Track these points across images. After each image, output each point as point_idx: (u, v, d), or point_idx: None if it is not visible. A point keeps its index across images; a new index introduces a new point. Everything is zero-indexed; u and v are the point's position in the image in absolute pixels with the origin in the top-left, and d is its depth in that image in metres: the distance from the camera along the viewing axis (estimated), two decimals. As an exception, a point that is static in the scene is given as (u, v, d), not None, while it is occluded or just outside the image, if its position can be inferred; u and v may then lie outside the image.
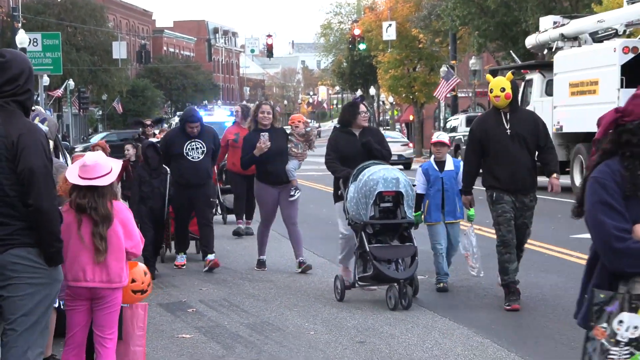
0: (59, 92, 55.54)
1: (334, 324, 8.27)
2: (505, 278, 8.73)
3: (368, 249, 8.77)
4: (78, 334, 5.45)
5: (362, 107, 9.80)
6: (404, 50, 54.27)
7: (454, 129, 33.65)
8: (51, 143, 6.12)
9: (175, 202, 11.19)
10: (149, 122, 17.13)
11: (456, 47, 44.06)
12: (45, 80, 44.59)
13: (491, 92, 8.91)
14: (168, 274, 11.18)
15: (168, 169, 11.03)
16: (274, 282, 10.46)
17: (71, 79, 57.61)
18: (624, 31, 21.83)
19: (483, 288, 9.88)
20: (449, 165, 9.85)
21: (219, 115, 29.56)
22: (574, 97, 22.04)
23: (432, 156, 10.07)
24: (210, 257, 11.26)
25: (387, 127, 68.33)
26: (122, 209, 5.45)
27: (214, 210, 12.89)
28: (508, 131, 8.85)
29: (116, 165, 5.45)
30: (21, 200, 4.70)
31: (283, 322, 8.40)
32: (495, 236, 9.01)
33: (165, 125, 18.07)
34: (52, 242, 4.77)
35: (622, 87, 20.12)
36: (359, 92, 65.90)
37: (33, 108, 7.85)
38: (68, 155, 11.84)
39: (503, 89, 8.85)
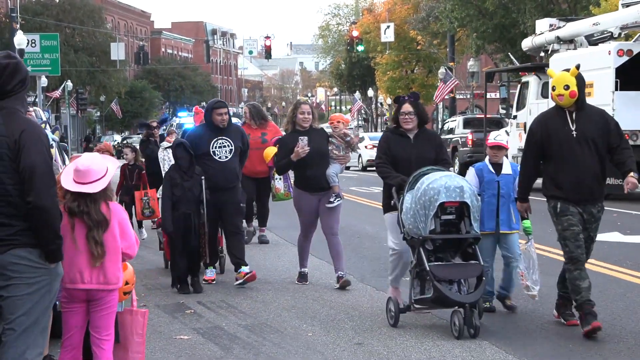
0: (57, 93, 55.53)
1: (332, 325, 8.27)
2: (578, 298, 7.75)
3: (428, 268, 7.72)
4: (75, 335, 5.44)
5: (406, 107, 8.51)
6: (402, 52, 54.36)
7: (451, 131, 33.70)
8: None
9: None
10: (155, 124, 16.76)
11: (454, 48, 44.09)
12: (44, 81, 44.58)
13: (553, 90, 7.94)
14: (165, 275, 11.16)
15: (200, 169, 9.98)
16: (272, 284, 10.46)
17: (69, 80, 57.63)
18: (619, 34, 21.96)
19: (481, 290, 9.87)
20: (507, 168, 8.78)
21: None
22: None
23: (487, 157, 8.91)
24: (245, 269, 10.16)
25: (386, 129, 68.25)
26: (118, 210, 5.44)
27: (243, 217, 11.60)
28: (574, 133, 7.84)
29: (112, 165, 5.40)
30: (22, 199, 4.71)
31: (281, 323, 8.40)
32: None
33: (175, 124, 17.82)
34: (52, 239, 4.79)
35: (616, 89, 20.28)
36: (357, 94, 65.88)
37: (33, 109, 7.89)
38: (66, 156, 11.86)
39: (567, 87, 7.91)
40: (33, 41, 39.22)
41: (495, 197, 8.59)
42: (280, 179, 12.28)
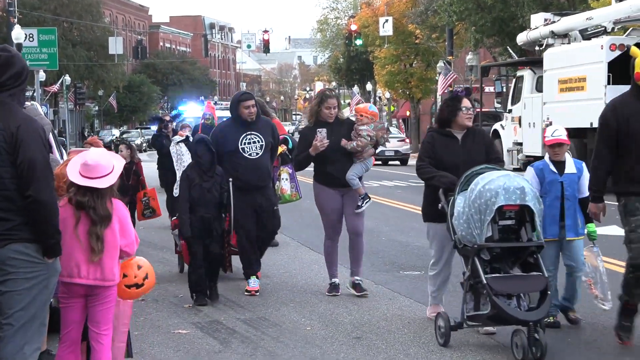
0: (55, 88, 55.49)
1: (331, 319, 8.26)
2: (627, 299, 7.10)
3: (485, 281, 6.82)
4: (73, 330, 5.43)
5: (466, 102, 7.70)
6: (400, 46, 54.29)
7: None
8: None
9: (236, 210, 9.30)
10: (168, 118, 16.41)
11: (453, 42, 44.03)
12: (42, 75, 44.52)
13: (635, 69, 6.85)
14: (164, 269, 11.15)
15: (221, 169, 9.17)
16: (270, 278, 10.45)
17: (67, 75, 57.57)
18: (612, 28, 22.15)
19: (479, 283, 9.86)
20: (570, 167, 7.75)
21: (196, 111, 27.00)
22: (563, 94, 22.46)
23: (547, 155, 7.88)
24: (255, 284, 9.52)
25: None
26: (119, 207, 5.42)
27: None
28: None
29: (118, 163, 5.38)
30: (20, 193, 4.69)
31: (279, 317, 8.39)
32: None
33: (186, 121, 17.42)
34: (51, 233, 4.78)
35: (608, 83, 20.38)
36: (355, 88, 65.83)
37: (30, 103, 7.86)
38: (64, 151, 11.82)
39: None
40: (31, 35, 39.14)
41: (559, 199, 7.60)
42: (286, 179, 11.26)
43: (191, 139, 15.07)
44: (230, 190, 9.13)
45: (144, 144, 63.17)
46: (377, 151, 9.71)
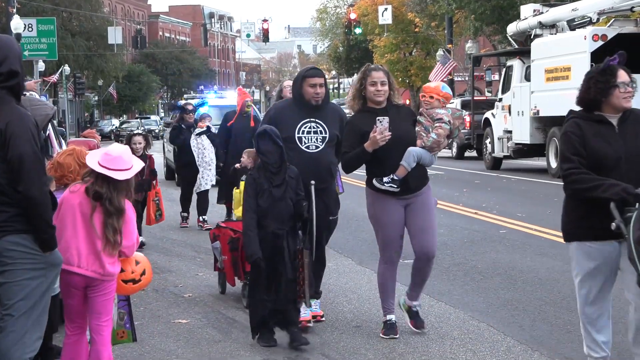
0: (54, 78, 55.36)
1: (331, 308, 8.26)
2: None
3: None
4: (77, 318, 5.44)
5: (623, 75, 5.45)
6: (400, 34, 54.21)
7: (449, 113, 34.05)
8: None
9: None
10: (191, 108, 15.01)
11: (452, 31, 44.00)
12: (41, 65, 44.45)
13: None
14: (164, 259, 11.17)
15: (296, 169, 7.07)
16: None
17: (67, 65, 57.47)
18: (597, 19, 22.73)
19: (479, 272, 9.89)
20: None
21: (232, 98, 24.35)
22: (549, 83, 23.24)
23: None
24: (315, 308, 7.65)
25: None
26: (127, 207, 5.42)
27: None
28: None
29: (137, 164, 5.37)
30: (12, 187, 4.68)
31: (279, 307, 8.39)
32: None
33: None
34: (44, 228, 4.77)
35: None
36: (355, 77, 65.75)
37: (29, 93, 7.82)
38: (63, 142, 11.79)
39: None
40: (30, 25, 39.10)
41: None
42: None
43: (213, 129, 14.22)
44: (312, 196, 7.10)
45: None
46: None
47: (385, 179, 6.94)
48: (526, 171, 25.19)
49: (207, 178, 14.01)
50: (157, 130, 63.64)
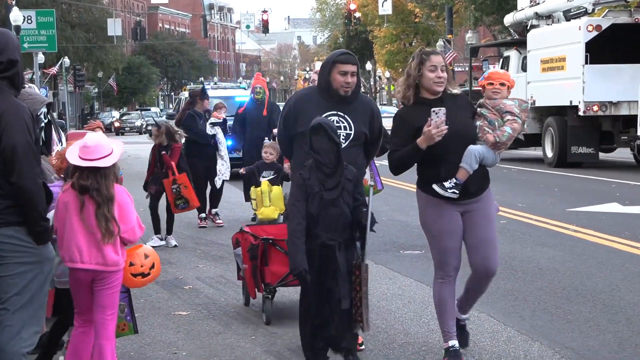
0: (54, 70, 55.37)
1: (331, 299, 8.25)
2: None
3: None
4: (85, 312, 5.43)
5: None
6: (400, 25, 54.17)
7: (448, 104, 34.37)
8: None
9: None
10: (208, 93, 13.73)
11: (452, 21, 43.96)
12: (40, 58, 44.39)
13: None
14: (164, 251, 11.16)
15: (354, 170, 6.09)
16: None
17: (66, 57, 57.44)
18: (593, 9, 23.02)
19: (479, 262, 9.87)
20: None
21: (232, 90, 23.27)
22: (545, 73, 23.52)
23: None
24: None
25: (384, 103, 68.23)
26: (120, 192, 5.39)
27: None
28: None
29: (117, 147, 5.34)
30: (5, 179, 4.66)
31: (279, 298, 8.38)
32: None
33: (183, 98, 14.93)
34: (37, 220, 4.73)
35: (586, 63, 21.32)
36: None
37: (29, 85, 7.78)
38: (62, 134, 11.78)
39: None
40: (29, 17, 39.02)
41: None
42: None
43: (229, 122, 13.34)
44: (370, 200, 6.04)
45: (144, 126, 63.21)
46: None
47: (447, 184, 5.99)
48: (523, 161, 25.21)
49: (222, 171, 13.15)
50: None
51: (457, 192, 5.99)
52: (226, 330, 7.32)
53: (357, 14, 55.36)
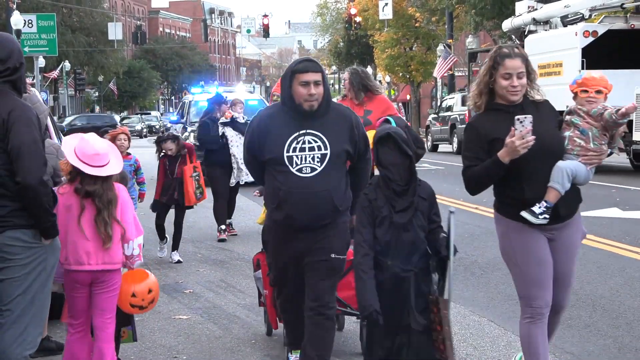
0: (54, 74, 55.43)
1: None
2: None
3: None
4: (82, 317, 5.44)
5: None
6: (400, 30, 54.13)
7: (449, 108, 34.33)
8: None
9: (275, 260, 5.79)
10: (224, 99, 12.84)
11: (452, 25, 43.97)
12: (41, 61, 44.47)
13: None
14: (164, 255, 11.15)
15: (430, 187, 5.34)
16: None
17: (67, 61, 57.50)
18: (590, 15, 23.19)
19: (480, 267, 9.89)
20: None
21: (240, 93, 22.48)
22: (542, 78, 23.70)
23: None
24: None
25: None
26: (120, 190, 5.43)
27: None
28: None
29: (113, 150, 5.42)
30: (13, 179, 4.68)
31: (280, 302, 8.40)
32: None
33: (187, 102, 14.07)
34: (44, 217, 4.75)
35: (583, 68, 21.36)
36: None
37: (29, 90, 7.80)
38: (62, 137, 11.75)
39: None
40: (30, 21, 39.07)
41: None
42: None
43: (241, 119, 12.49)
44: (450, 224, 5.13)
45: (144, 130, 63.22)
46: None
47: (536, 209, 5.09)
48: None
49: (235, 173, 12.40)
50: (157, 127, 63.64)
51: (548, 217, 5.10)
52: (226, 334, 7.32)
53: (358, 19, 55.46)
